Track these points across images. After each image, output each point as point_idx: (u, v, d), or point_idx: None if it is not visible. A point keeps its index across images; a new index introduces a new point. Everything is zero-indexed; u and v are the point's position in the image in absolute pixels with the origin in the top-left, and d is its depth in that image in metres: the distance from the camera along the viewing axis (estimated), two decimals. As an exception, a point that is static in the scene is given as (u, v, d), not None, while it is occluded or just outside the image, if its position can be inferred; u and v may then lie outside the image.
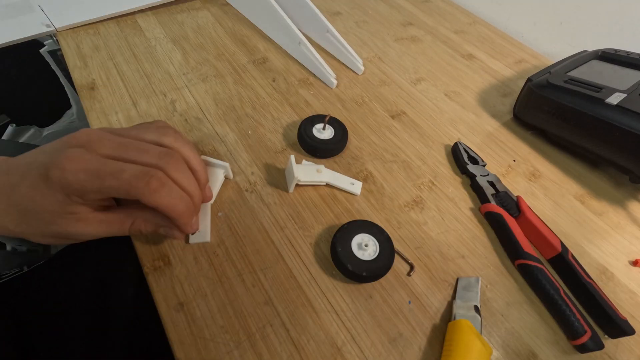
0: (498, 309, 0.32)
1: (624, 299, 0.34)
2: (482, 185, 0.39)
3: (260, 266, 0.31)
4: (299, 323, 0.29)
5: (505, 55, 0.60)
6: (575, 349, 0.30)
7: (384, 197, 0.38)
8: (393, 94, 0.49)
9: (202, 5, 0.58)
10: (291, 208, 0.35)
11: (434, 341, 0.29)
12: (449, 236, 0.36)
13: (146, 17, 0.54)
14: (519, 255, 0.33)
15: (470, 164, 0.41)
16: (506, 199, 0.38)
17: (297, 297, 0.30)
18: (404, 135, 0.44)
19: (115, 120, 0.40)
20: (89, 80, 0.44)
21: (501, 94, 0.53)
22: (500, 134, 0.47)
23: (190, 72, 0.47)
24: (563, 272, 0.34)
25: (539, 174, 0.43)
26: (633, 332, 0.30)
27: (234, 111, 0.43)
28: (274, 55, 0.52)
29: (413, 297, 0.31)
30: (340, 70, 0.51)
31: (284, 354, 0.27)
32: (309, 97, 0.47)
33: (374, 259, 0.31)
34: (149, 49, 0.49)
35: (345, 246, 0.31)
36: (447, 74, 0.54)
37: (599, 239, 0.38)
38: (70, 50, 0.47)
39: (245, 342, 0.27)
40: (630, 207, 0.41)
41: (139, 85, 0.44)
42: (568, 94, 0.41)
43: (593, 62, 0.49)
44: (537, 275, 0.32)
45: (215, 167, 0.35)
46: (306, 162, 0.38)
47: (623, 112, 0.38)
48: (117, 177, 0.22)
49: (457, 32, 0.63)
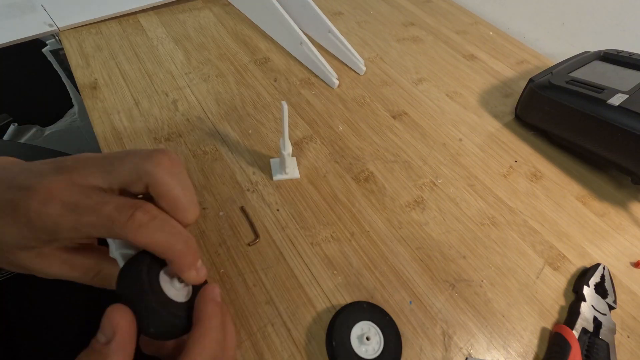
0: (499, 309, 0.32)
1: (625, 300, 0.34)
2: (582, 312, 0.31)
3: (262, 266, 0.31)
4: (300, 323, 0.29)
5: (507, 55, 0.60)
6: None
7: (385, 197, 0.38)
8: (394, 94, 0.50)
9: (204, 5, 0.58)
10: (292, 208, 0.35)
11: (435, 341, 0.29)
12: (450, 236, 0.36)
13: (148, 17, 0.54)
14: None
15: (592, 288, 0.33)
16: (597, 351, 0.29)
17: (299, 297, 0.30)
18: (405, 136, 0.44)
19: (117, 120, 0.40)
20: (91, 79, 0.44)
21: (503, 95, 0.53)
22: (502, 134, 0.47)
23: (192, 72, 0.47)
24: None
25: (541, 174, 0.43)
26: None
27: (235, 111, 0.43)
28: (275, 55, 0.52)
29: (414, 297, 0.31)
30: (342, 70, 0.52)
31: (285, 353, 0.27)
32: (311, 97, 0.47)
33: (378, 356, 0.26)
34: (151, 49, 0.49)
35: (343, 339, 0.26)
36: (448, 74, 0.54)
37: (600, 240, 0.38)
38: (72, 50, 0.47)
39: (246, 342, 0.27)
40: (632, 208, 0.41)
41: (140, 84, 0.44)
42: (570, 95, 0.41)
43: (595, 62, 0.49)
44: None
45: None
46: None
47: (625, 113, 0.38)
48: (97, 211, 0.18)
49: (459, 33, 0.63)
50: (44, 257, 0.20)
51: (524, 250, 0.36)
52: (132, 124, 0.40)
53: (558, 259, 0.36)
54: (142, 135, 0.39)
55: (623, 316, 0.33)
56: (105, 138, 0.38)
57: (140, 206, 0.19)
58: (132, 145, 0.38)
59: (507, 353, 0.30)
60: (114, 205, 0.19)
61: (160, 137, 0.39)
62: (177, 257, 0.20)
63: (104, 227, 0.18)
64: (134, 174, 0.20)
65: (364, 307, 0.28)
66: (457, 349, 0.29)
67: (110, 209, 0.18)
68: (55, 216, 0.18)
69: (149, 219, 0.19)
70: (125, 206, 0.19)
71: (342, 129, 0.43)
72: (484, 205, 0.39)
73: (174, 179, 0.20)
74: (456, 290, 0.32)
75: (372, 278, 0.32)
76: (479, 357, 0.29)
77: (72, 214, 0.18)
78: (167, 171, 0.20)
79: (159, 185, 0.20)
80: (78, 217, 0.18)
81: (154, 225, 0.19)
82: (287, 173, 0.37)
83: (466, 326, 0.30)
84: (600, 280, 0.34)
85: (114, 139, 0.38)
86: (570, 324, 0.31)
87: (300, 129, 0.43)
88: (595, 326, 0.31)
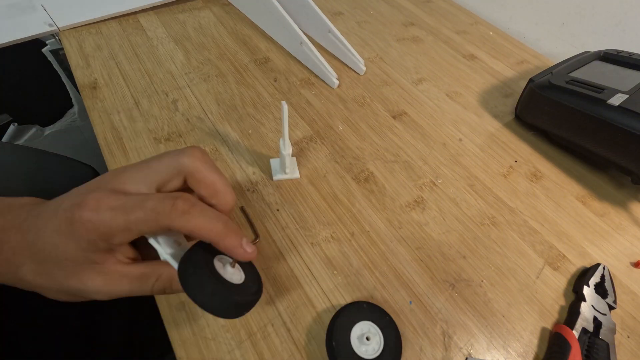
0: (499, 309, 0.32)
1: (626, 300, 0.34)
2: (582, 312, 0.31)
3: (262, 265, 0.31)
4: (300, 322, 0.29)
5: (506, 55, 0.60)
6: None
7: (385, 197, 0.38)
8: (394, 94, 0.50)
9: (204, 4, 0.58)
10: (292, 208, 0.35)
11: (435, 341, 0.29)
12: (450, 236, 0.36)
13: (148, 17, 0.54)
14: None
15: (592, 288, 0.33)
16: (597, 351, 0.29)
17: (299, 297, 0.30)
18: (406, 136, 0.44)
19: (117, 120, 0.40)
20: (91, 79, 0.44)
21: (503, 95, 0.53)
22: (502, 134, 0.47)
23: (192, 72, 0.47)
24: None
25: (541, 174, 0.43)
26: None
27: (235, 111, 0.43)
28: (275, 55, 0.52)
29: (414, 297, 0.31)
30: (342, 70, 0.52)
31: (285, 353, 0.27)
32: (311, 97, 0.47)
33: (378, 356, 0.26)
34: (150, 49, 0.49)
35: (344, 339, 0.26)
36: (448, 74, 0.54)
37: (601, 240, 0.38)
38: (72, 50, 0.47)
39: (246, 342, 0.27)
40: (632, 208, 0.41)
41: (140, 84, 0.44)
42: (570, 95, 0.41)
43: (595, 62, 0.49)
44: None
45: None
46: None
47: (625, 113, 0.38)
48: (142, 207, 0.21)
49: (459, 33, 0.63)
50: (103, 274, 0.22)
51: (524, 250, 0.36)
52: (132, 124, 0.40)
53: (558, 259, 0.36)
54: (142, 135, 0.39)
55: (623, 316, 0.33)
56: (105, 138, 0.38)
57: (180, 196, 0.21)
58: (132, 145, 0.38)
59: (507, 353, 0.30)
60: (156, 199, 0.21)
61: (160, 137, 0.39)
62: (221, 238, 0.21)
63: (152, 220, 0.20)
64: (172, 168, 0.23)
65: (364, 307, 0.28)
66: (457, 349, 0.29)
67: (154, 202, 0.21)
68: (107, 220, 0.20)
69: (190, 206, 0.21)
70: (166, 198, 0.21)
71: (342, 129, 0.43)
72: (484, 205, 0.39)
73: (208, 167, 0.23)
74: (456, 290, 0.32)
75: (372, 278, 0.32)
76: (479, 357, 0.29)
77: (122, 215, 0.20)
78: (202, 161, 0.23)
79: (197, 173, 0.23)
80: (127, 217, 0.20)
81: (195, 211, 0.21)
82: (287, 173, 0.37)
83: (466, 326, 0.30)
84: (600, 280, 0.34)
85: (114, 139, 0.38)
86: (570, 324, 0.31)
87: (300, 129, 0.43)
88: (595, 326, 0.31)
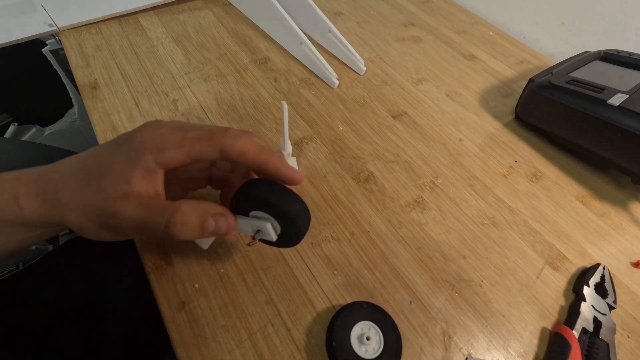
0: (499, 310, 0.32)
1: (626, 300, 0.34)
2: (582, 312, 0.31)
3: (262, 266, 0.31)
4: (300, 322, 0.29)
5: (506, 55, 0.60)
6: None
7: (385, 197, 0.38)
8: (394, 94, 0.50)
9: (204, 5, 0.58)
10: (292, 208, 0.35)
11: (435, 341, 0.29)
12: (450, 236, 0.36)
13: (148, 17, 0.54)
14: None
15: (592, 288, 0.33)
16: (597, 351, 0.29)
17: (299, 297, 0.30)
18: (405, 136, 0.44)
19: (117, 120, 0.40)
20: (91, 79, 0.44)
21: (503, 95, 0.53)
22: (502, 134, 0.47)
23: (192, 72, 0.47)
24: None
25: (541, 174, 0.43)
26: None
27: (235, 111, 0.43)
28: (275, 55, 0.52)
29: (414, 297, 0.31)
30: (342, 70, 0.52)
31: (285, 353, 0.27)
32: (311, 97, 0.47)
33: (378, 356, 0.26)
34: (151, 49, 0.49)
35: (344, 339, 0.26)
36: (448, 74, 0.54)
37: (601, 240, 0.38)
38: (72, 50, 0.47)
39: (246, 342, 0.27)
40: (632, 208, 0.41)
41: (141, 84, 0.44)
42: (570, 95, 0.41)
43: (595, 62, 0.49)
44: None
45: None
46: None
47: (625, 113, 0.38)
48: (201, 127, 0.23)
49: (459, 33, 0.63)
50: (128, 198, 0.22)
51: (524, 250, 0.36)
52: (132, 124, 0.40)
53: (558, 259, 0.36)
54: (142, 135, 0.39)
55: (623, 316, 0.33)
56: (105, 138, 0.38)
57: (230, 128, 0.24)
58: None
59: (507, 353, 0.30)
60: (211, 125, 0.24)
61: (160, 137, 0.39)
62: (270, 158, 0.24)
63: (206, 139, 0.23)
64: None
65: (364, 307, 0.28)
66: (457, 349, 0.29)
67: (211, 126, 0.24)
68: (166, 135, 0.22)
69: (241, 133, 0.24)
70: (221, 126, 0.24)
71: (342, 129, 0.43)
72: (484, 205, 0.39)
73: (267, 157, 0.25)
74: (456, 290, 0.32)
75: (372, 278, 0.32)
76: (479, 357, 0.29)
77: (180, 132, 0.23)
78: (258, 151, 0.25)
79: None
80: (184, 133, 0.23)
81: (246, 136, 0.24)
82: None
83: (466, 326, 0.30)
84: (600, 280, 0.34)
85: (114, 139, 0.38)
86: (570, 324, 0.31)
87: (300, 129, 0.43)
88: (595, 326, 0.31)
